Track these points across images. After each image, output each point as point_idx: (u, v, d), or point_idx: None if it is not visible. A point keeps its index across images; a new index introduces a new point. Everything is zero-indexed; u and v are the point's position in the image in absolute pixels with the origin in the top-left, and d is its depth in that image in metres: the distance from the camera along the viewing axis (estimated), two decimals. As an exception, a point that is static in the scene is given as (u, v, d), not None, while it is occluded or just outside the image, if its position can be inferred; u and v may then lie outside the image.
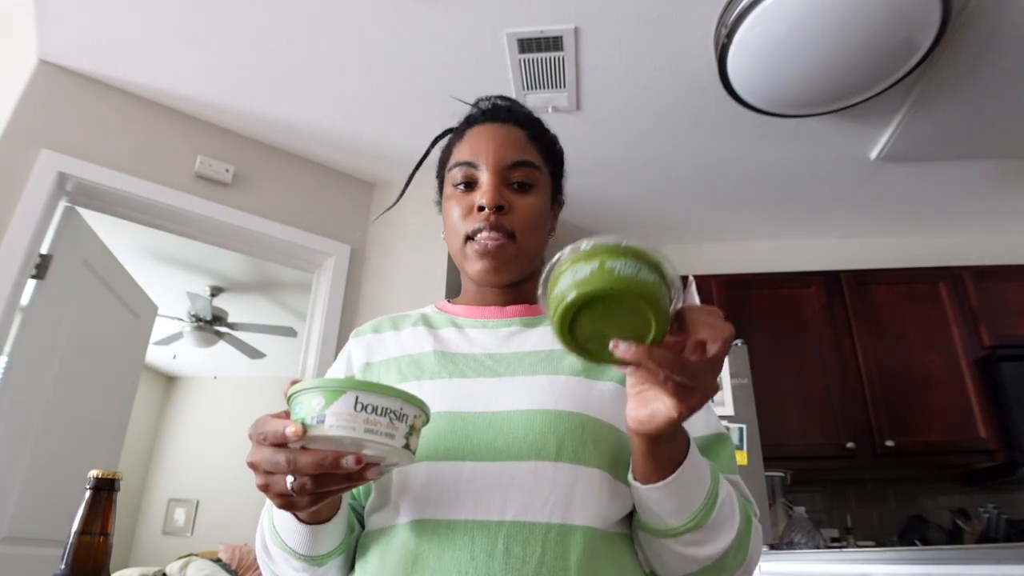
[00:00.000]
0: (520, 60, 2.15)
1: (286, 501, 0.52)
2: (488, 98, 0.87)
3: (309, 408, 0.50)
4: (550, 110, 2.38)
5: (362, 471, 0.49)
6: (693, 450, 0.58)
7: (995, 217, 3.16)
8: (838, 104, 2.18)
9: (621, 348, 0.48)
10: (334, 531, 0.62)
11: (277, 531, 0.63)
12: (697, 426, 0.71)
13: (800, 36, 1.86)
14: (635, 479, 0.60)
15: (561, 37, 2.05)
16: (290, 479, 0.50)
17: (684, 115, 2.42)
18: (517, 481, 0.62)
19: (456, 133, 0.84)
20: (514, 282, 0.79)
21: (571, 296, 0.47)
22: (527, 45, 2.09)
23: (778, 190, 2.94)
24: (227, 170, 2.53)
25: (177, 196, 2.38)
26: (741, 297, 2.90)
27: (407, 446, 0.51)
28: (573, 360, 0.69)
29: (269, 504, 0.64)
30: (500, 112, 0.82)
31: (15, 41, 2.21)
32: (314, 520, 0.60)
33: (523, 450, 0.63)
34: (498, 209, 0.74)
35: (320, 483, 0.50)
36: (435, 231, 0.93)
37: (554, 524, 0.60)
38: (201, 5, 2.00)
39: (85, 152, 2.22)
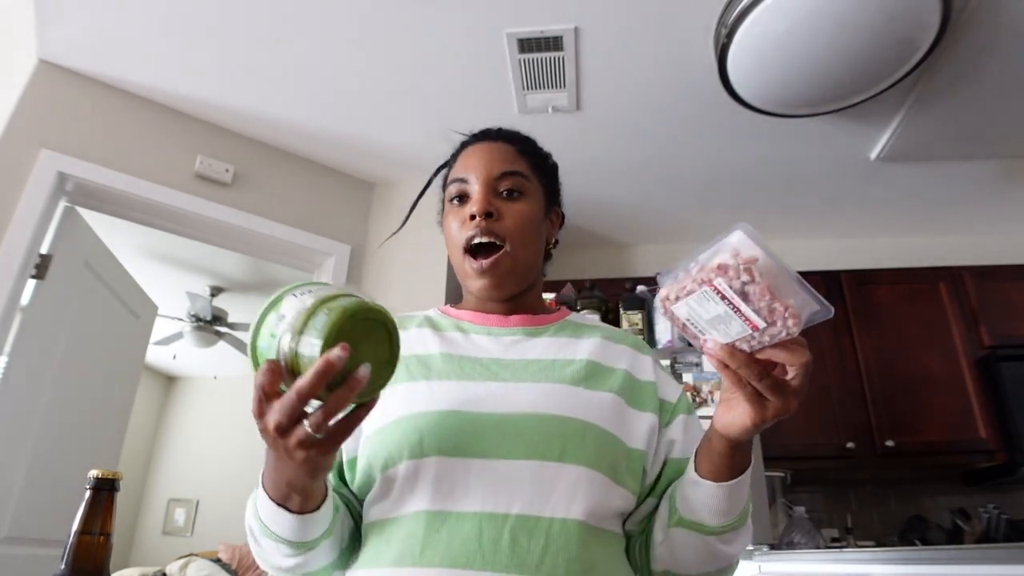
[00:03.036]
0: (520, 60, 2.15)
1: (312, 452, 0.53)
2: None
3: (270, 324, 0.54)
4: (550, 110, 2.38)
5: (356, 374, 0.50)
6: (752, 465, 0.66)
7: (995, 217, 3.16)
8: (838, 104, 2.18)
9: (708, 345, 0.54)
10: (323, 517, 0.64)
11: (266, 524, 0.63)
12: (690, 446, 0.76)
13: (800, 36, 1.86)
14: (705, 477, 0.65)
15: (561, 37, 2.05)
16: (306, 424, 0.51)
17: (684, 115, 2.42)
18: (523, 478, 0.66)
19: (451, 160, 0.90)
20: (515, 294, 0.83)
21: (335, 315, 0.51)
22: (527, 45, 2.09)
23: (778, 190, 2.94)
24: (227, 170, 2.53)
25: (177, 196, 2.38)
26: (741, 297, 2.90)
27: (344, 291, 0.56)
28: (575, 369, 0.76)
29: (254, 498, 0.65)
30: (490, 132, 0.89)
31: (15, 41, 2.21)
32: (304, 510, 0.62)
33: (529, 450, 0.67)
34: (488, 216, 0.78)
35: (331, 408, 0.51)
36: (435, 231, 0.95)
37: (556, 518, 0.65)
38: (201, 5, 2.00)
39: (85, 152, 2.23)
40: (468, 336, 0.81)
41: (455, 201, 0.82)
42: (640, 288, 2.75)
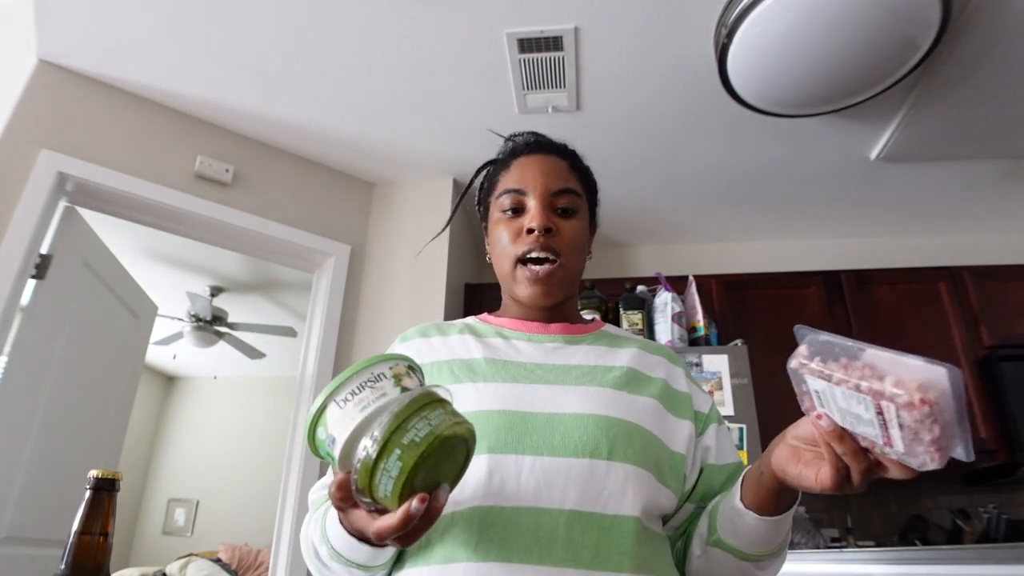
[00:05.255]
0: (520, 60, 2.15)
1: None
2: (521, 134, 0.93)
3: (325, 442, 0.53)
4: (550, 110, 2.38)
5: (435, 500, 0.51)
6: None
7: (995, 217, 3.16)
8: (838, 104, 2.18)
9: (823, 422, 0.52)
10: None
11: (339, 552, 0.65)
12: (730, 454, 0.81)
13: (800, 36, 1.86)
14: (749, 509, 0.67)
15: (561, 37, 2.05)
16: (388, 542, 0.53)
17: (684, 115, 2.43)
18: (574, 475, 0.68)
19: (501, 164, 0.90)
20: (558, 303, 0.85)
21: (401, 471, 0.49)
22: (527, 45, 2.09)
23: (778, 190, 2.94)
24: (227, 170, 2.53)
25: (177, 196, 2.38)
26: (741, 297, 2.91)
27: (404, 388, 0.53)
28: (616, 375, 0.78)
29: (323, 526, 0.68)
30: (543, 144, 0.90)
31: (15, 41, 2.21)
32: (381, 543, 0.63)
33: (579, 448, 0.69)
34: (546, 231, 0.80)
35: (412, 538, 0.52)
36: (435, 231, 0.96)
37: (608, 514, 0.67)
38: (201, 5, 2.00)
39: (85, 152, 2.23)
40: (509, 342, 0.83)
41: (509, 212, 0.84)
42: (640, 288, 2.75)
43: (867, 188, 2.90)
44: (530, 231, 0.80)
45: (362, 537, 0.59)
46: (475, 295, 2.95)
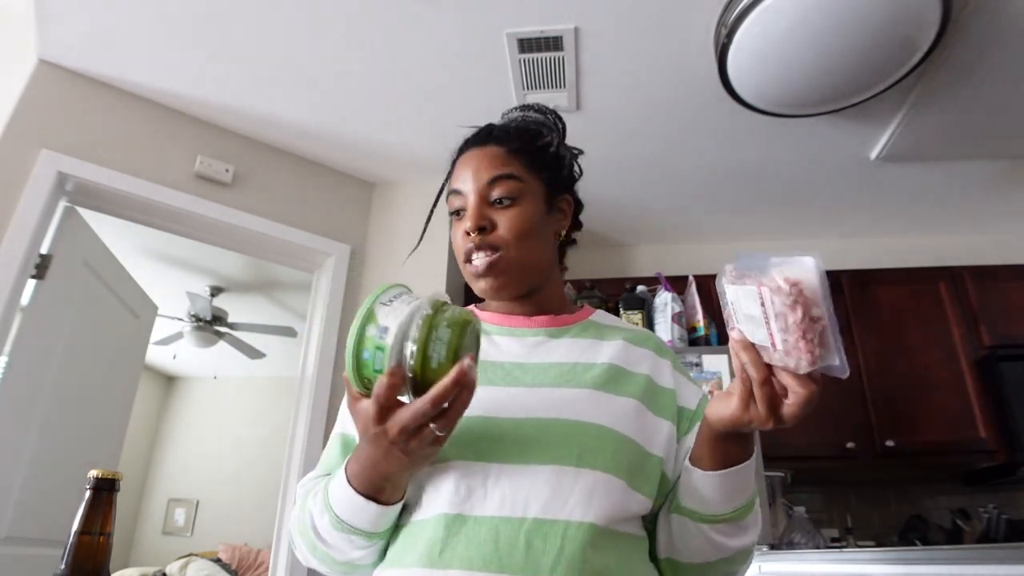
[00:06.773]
0: (520, 60, 2.15)
1: (431, 448, 0.59)
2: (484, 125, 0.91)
3: (374, 339, 0.57)
4: (550, 110, 2.38)
5: (473, 384, 0.56)
6: (751, 463, 0.67)
7: (995, 217, 3.16)
8: (838, 104, 2.18)
9: (734, 334, 0.57)
10: (399, 505, 0.69)
11: (343, 520, 0.66)
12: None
13: (800, 36, 1.86)
14: (694, 464, 0.68)
15: (561, 37, 2.05)
16: (433, 426, 0.56)
17: (684, 115, 2.42)
18: (540, 482, 0.67)
19: (452, 166, 0.88)
20: (524, 292, 0.83)
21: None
22: (527, 45, 2.09)
23: (778, 190, 2.94)
24: (227, 170, 2.53)
25: (177, 196, 2.38)
26: (741, 297, 2.90)
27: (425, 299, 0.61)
28: (596, 373, 0.77)
29: (325, 498, 0.68)
30: (481, 135, 0.87)
31: (15, 41, 2.21)
32: (391, 501, 0.66)
33: (547, 455, 0.69)
34: (481, 230, 0.78)
35: (458, 411, 0.56)
36: (435, 231, 0.95)
37: (572, 522, 0.66)
38: (201, 5, 2.00)
39: (85, 152, 2.22)
40: (491, 338, 0.82)
41: (455, 214, 0.83)
42: (640, 288, 2.75)
43: (867, 188, 2.90)
44: (468, 233, 0.79)
45: (381, 480, 0.63)
46: (475, 294, 2.95)
